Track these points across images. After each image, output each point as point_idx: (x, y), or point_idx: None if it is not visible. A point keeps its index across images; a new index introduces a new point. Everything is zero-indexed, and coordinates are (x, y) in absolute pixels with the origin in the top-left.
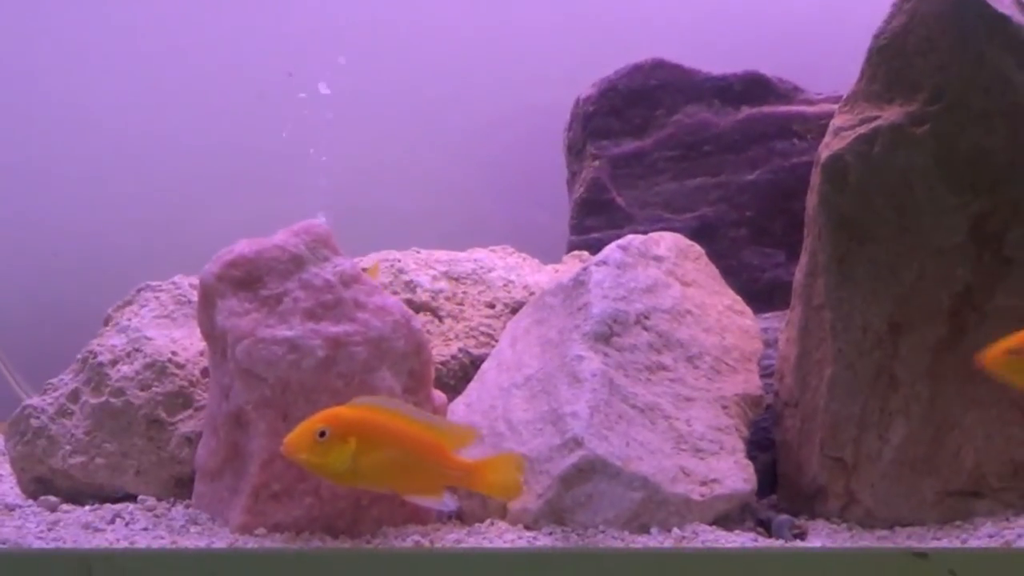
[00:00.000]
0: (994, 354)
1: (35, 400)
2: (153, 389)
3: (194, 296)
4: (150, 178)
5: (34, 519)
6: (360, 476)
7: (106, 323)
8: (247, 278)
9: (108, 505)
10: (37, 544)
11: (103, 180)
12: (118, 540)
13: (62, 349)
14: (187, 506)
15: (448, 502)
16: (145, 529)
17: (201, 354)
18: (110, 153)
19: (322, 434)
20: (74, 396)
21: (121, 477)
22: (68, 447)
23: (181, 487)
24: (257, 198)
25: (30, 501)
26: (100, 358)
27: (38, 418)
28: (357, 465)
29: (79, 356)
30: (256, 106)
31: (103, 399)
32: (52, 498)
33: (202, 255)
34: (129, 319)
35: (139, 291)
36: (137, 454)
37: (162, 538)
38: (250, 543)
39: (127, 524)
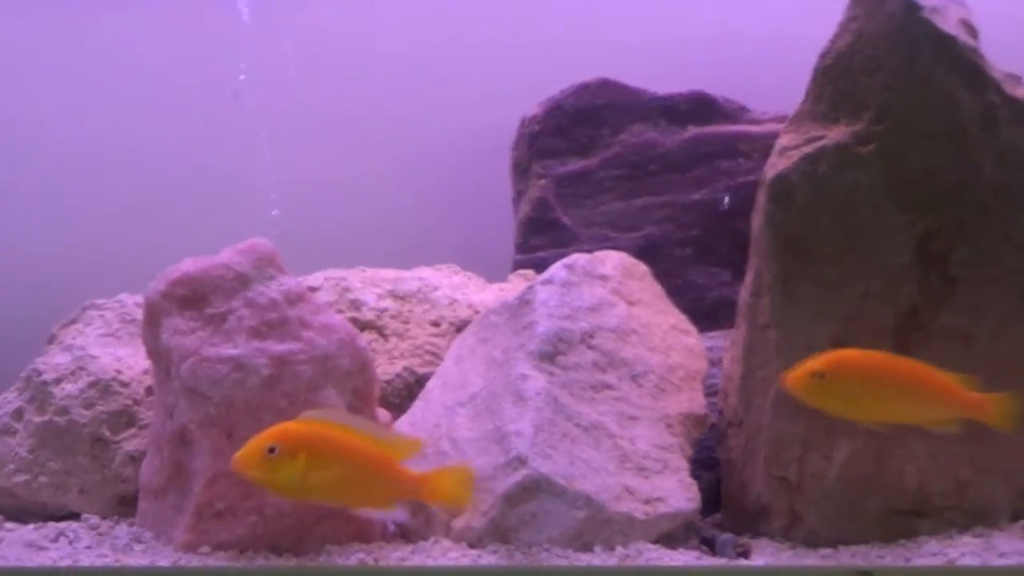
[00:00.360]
0: (797, 376)
1: None
2: (97, 408)
3: (139, 314)
4: (95, 195)
5: None
6: (310, 491)
7: (50, 341)
8: (192, 296)
9: (52, 524)
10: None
11: (48, 197)
12: (62, 559)
13: (5, 367)
14: (131, 524)
15: (399, 513)
16: (89, 547)
17: (146, 372)
18: (54, 170)
19: (271, 450)
20: (18, 414)
21: (65, 496)
22: (11, 465)
23: (125, 506)
24: (203, 216)
25: None
26: (44, 376)
27: None
28: (307, 481)
29: (23, 374)
30: (202, 123)
31: (47, 417)
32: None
33: (147, 273)
34: (74, 337)
35: (84, 309)
36: (81, 473)
37: (106, 556)
38: (194, 561)
39: (71, 542)
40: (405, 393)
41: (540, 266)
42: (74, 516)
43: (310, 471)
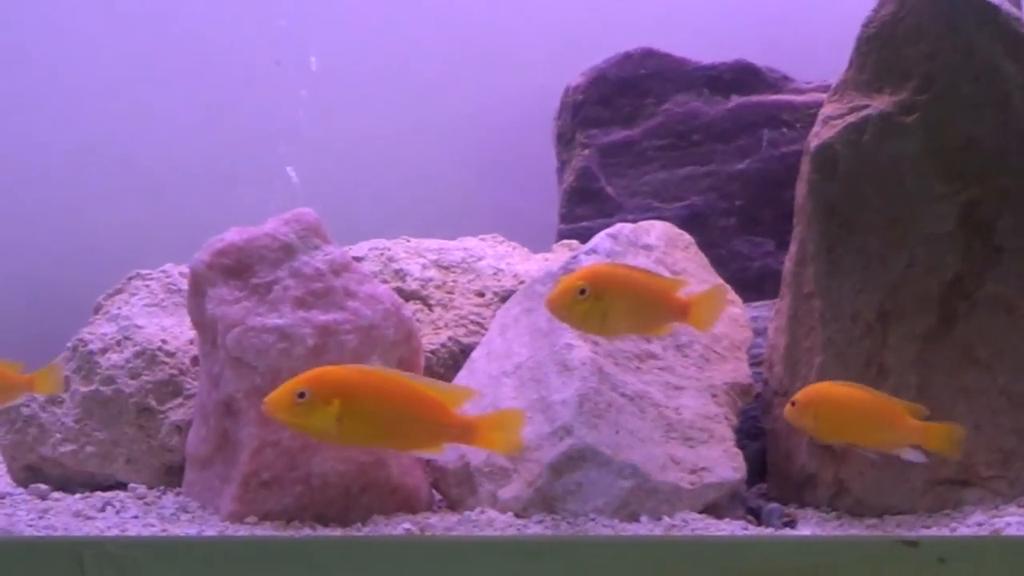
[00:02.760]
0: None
1: None
2: (143, 377)
3: (184, 284)
4: (140, 165)
5: (25, 507)
6: (348, 436)
7: (96, 311)
8: (237, 266)
9: (99, 493)
10: (28, 532)
11: (93, 167)
12: (109, 528)
13: (52, 337)
14: (177, 494)
15: (449, 455)
16: (136, 517)
17: (191, 342)
18: (99, 141)
19: (301, 395)
20: (64, 384)
21: (111, 465)
22: (58, 435)
23: (171, 475)
24: (247, 186)
25: (21, 489)
26: (90, 346)
27: (28, 407)
28: (343, 426)
29: (69, 344)
30: (246, 94)
31: (93, 387)
32: (43, 486)
33: (192, 243)
34: (119, 307)
35: (129, 279)
36: (127, 442)
37: (153, 526)
38: (240, 531)
39: (118, 512)
40: (450, 363)
41: (584, 236)
42: (121, 486)
43: (345, 416)
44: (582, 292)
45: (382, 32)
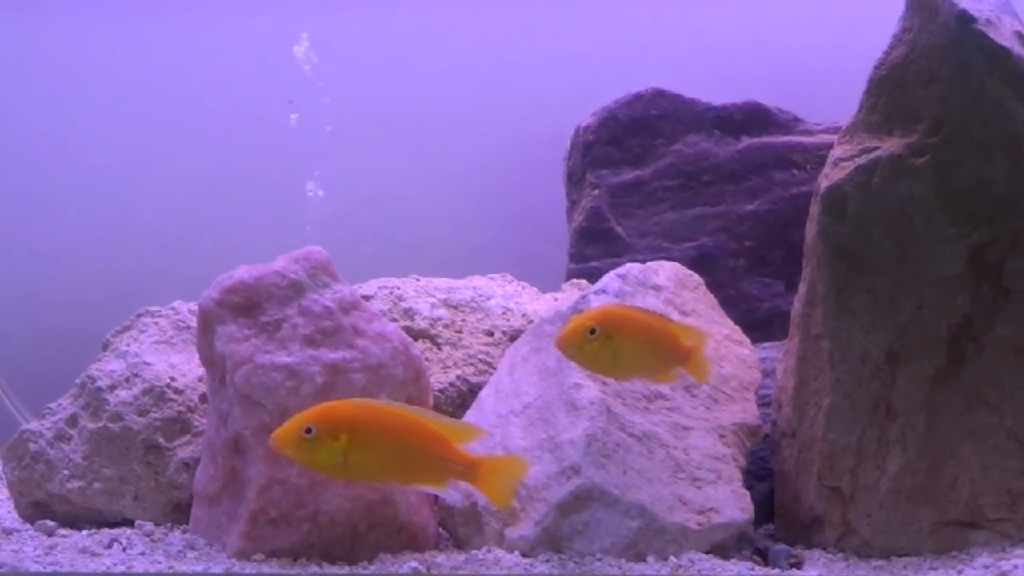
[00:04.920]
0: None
1: (33, 425)
2: (151, 414)
3: (193, 322)
4: (150, 203)
5: (31, 543)
6: (354, 471)
7: (105, 348)
8: (246, 304)
9: (105, 530)
10: (34, 568)
11: (102, 206)
12: (115, 565)
13: (60, 374)
14: (185, 531)
15: (452, 494)
16: (142, 554)
17: (200, 380)
18: (108, 179)
19: (308, 430)
20: (72, 421)
21: (119, 502)
22: (66, 472)
23: (179, 512)
24: (257, 224)
25: (28, 525)
26: (99, 383)
27: (36, 443)
28: (349, 461)
29: (77, 381)
30: (258, 133)
31: (101, 424)
32: (49, 522)
33: (201, 281)
34: (128, 344)
35: (138, 316)
36: (135, 479)
37: (159, 563)
38: (247, 568)
39: (124, 549)
40: (459, 402)
41: (593, 276)
42: (128, 523)
43: (352, 451)
44: (592, 332)
45: (396, 77)
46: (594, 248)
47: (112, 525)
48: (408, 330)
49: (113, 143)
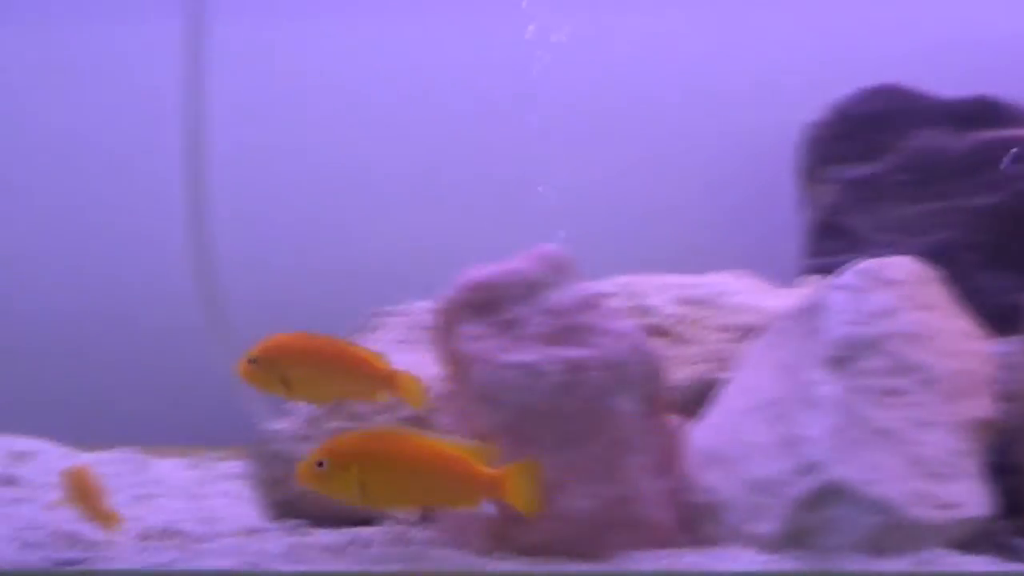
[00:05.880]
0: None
1: (276, 425)
2: (393, 413)
3: (428, 321)
4: (387, 205)
5: (276, 542)
6: (373, 499)
7: None
8: (486, 302)
9: (348, 528)
10: (279, 567)
11: (342, 209)
12: (360, 562)
13: None
14: (429, 530)
15: (488, 507)
16: (386, 553)
17: (437, 378)
18: (345, 180)
19: (320, 464)
20: (314, 421)
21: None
22: None
23: (425, 511)
24: (494, 222)
25: (272, 524)
26: None
27: (280, 443)
28: (367, 490)
29: None
30: (492, 130)
31: (342, 424)
32: (294, 521)
33: (440, 280)
34: (367, 342)
35: (376, 316)
36: None
37: (402, 561)
38: (491, 566)
39: (366, 547)
40: (697, 399)
41: (829, 271)
42: (371, 521)
43: (366, 481)
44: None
45: (625, 65)
46: (829, 243)
47: (355, 523)
48: (646, 327)
49: (347, 143)
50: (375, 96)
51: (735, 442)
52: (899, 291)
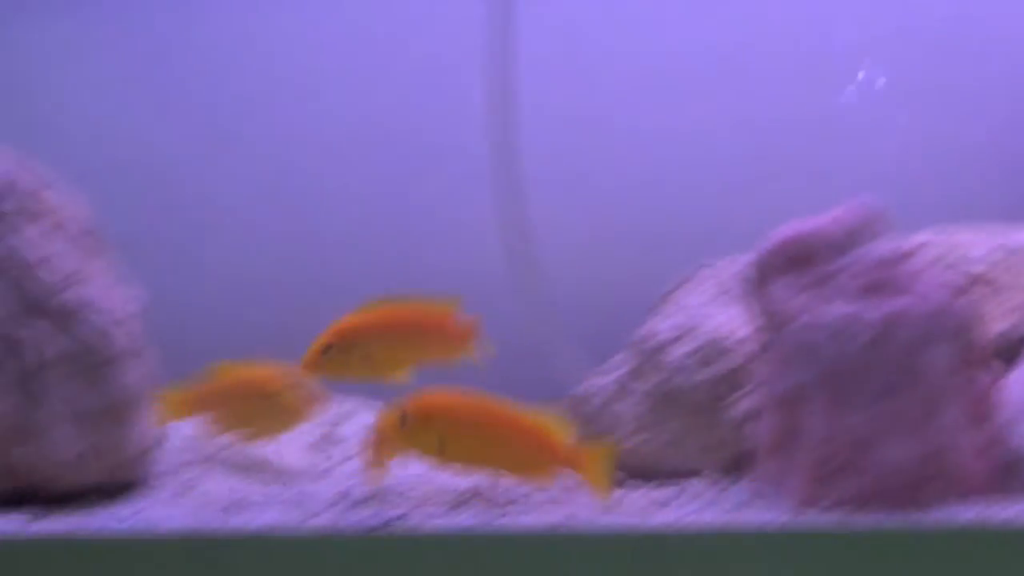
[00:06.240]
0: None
1: (595, 380)
2: (711, 367)
3: (748, 275)
4: (701, 158)
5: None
6: (450, 457)
7: (662, 302)
8: (799, 257)
9: (672, 482)
10: (605, 522)
11: (659, 162)
12: (683, 517)
13: (618, 329)
14: (749, 482)
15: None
16: (708, 505)
17: (755, 333)
18: (656, 137)
19: (403, 419)
20: (634, 375)
21: (683, 454)
22: (630, 426)
23: (741, 464)
24: (808, 177)
25: None
26: (658, 337)
27: (599, 398)
28: (445, 448)
29: (636, 336)
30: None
31: (662, 378)
32: (617, 475)
33: (756, 234)
34: (684, 299)
35: (694, 271)
36: (697, 432)
37: (725, 514)
38: (811, 518)
39: (691, 501)
40: (1014, 350)
41: None
42: (693, 474)
43: (447, 439)
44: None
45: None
46: None
47: (678, 477)
48: (962, 277)
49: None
50: (688, 54)
51: None
52: None
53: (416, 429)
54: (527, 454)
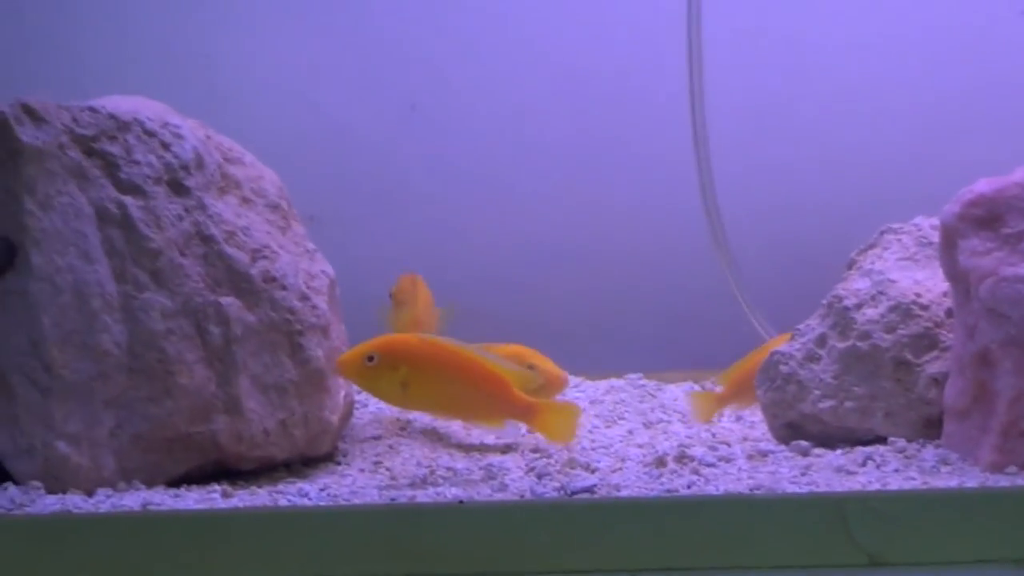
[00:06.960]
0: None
1: (784, 346)
2: (899, 331)
3: (935, 237)
4: (888, 119)
5: (787, 464)
6: (412, 401)
7: (850, 267)
8: (988, 217)
9: (859, 448)
10: (791, 489)
11: (839, 123)
12: (870, 483)
13: (807, 293)
14: (937, 446)
15: (510, 431)
16: (896, 471)
17: (945, 295)
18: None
19: (370, 359)
20: (821, 341)
21: (870, 420)
22: (817, 392)
23: (930, 428)
24: (996, 135)
25: (782, 447)
26: (845, 302)
27: (787, 364)
28: (408, 391)
29: (825, 301)
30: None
31: (850, 343)
32: (803, 443)
33: (942, 196)
34: (872, 262)
35: (881, 234)
36: (885, 396)
37: (913, 479)
38: (1001, 481)
39: (878, 466)
40: None
41: None
42: (880, 440)
43: (411, 383)
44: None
45: None
46: None
47: (865, 443)
48: None
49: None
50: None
51: None
52: None
53: (382, 368)
54: (484, 403)
